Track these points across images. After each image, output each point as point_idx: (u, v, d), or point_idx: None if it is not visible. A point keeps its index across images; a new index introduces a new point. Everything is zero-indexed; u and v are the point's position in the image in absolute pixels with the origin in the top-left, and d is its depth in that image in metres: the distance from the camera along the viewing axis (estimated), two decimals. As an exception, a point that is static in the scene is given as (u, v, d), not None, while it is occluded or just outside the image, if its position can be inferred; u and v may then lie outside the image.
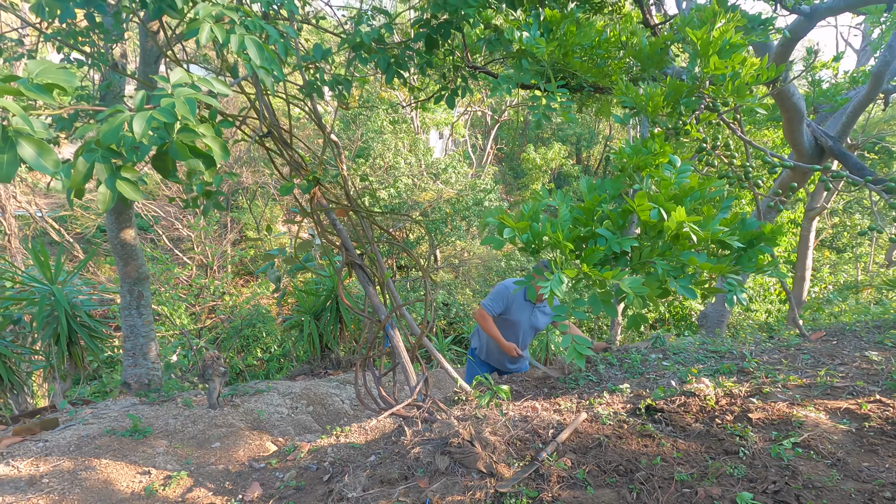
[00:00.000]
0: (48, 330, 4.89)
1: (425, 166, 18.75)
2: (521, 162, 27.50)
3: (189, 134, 1.44)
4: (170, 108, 1.34)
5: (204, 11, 1.62)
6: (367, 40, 2.33)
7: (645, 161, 1.69)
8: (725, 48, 1.71)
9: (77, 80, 1.28)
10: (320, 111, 2.74)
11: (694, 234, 1.43)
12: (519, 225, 1.55)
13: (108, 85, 3.74)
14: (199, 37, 1.61)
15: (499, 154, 30.50)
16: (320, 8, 13.88)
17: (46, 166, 1.24)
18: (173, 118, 1.33)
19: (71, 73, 1.27)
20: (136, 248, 4.53)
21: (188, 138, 1.45)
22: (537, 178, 25.42)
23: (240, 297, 13.13)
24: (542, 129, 29.19)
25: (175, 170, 1.50)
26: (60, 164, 1.27)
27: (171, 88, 1.43)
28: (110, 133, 1.33)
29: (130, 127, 1.32)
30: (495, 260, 19.47)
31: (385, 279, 3.27)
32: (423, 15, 2.67)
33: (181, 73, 1.48)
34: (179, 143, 1.41)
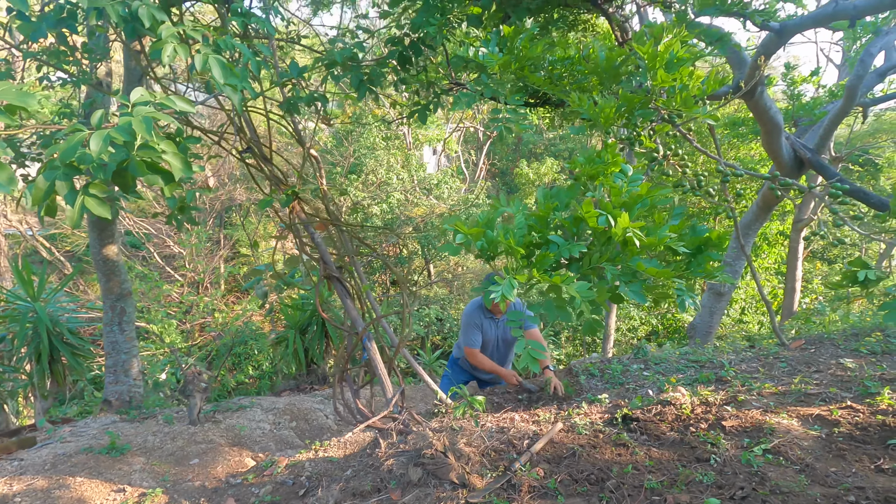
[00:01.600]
0: (30, 348, 4.87)
1: (418, 182, 18.87)
2: (513, 177, 27.72)
3: (149, 151, 1.48)
4: (127, 127, 1.38)
5: (167, 32, 1.67)
6: (340, 59, 2.40)
7: (598, 170, 1.74)
8: (672, 62, 1.77)
9: (37, 104, 1.32)
10: (311, 126, 2.80)
11: (638, 239, 1.47)
12: (473, 231, 1.59)
13: (92, 103, 3.80)
14: (161, 57, 1.66)
15: (492, 169, 30.74)
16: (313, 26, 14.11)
17: (1, 183, 1.27)
18: (130, 136, 1.37)
19: (30, 94, 1.32)
20: (118, 264, 4.54)
21: (148, 155, 1.49)
22: (530, 192, 25.57)
23: (231, 314, 13.07)
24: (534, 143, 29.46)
25: (135, 185, 1.53)
26: (15, 181, 1.31)
27: (131, 107, 1.47)
28: (68, 150, 1.36)
29: (88, 144, 1.36)
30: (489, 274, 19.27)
31: (363, 291, 3.29)
32: (395, 34, 2.74)
33: (141, 92, 1.52)
34: (138, 161, 1.45)
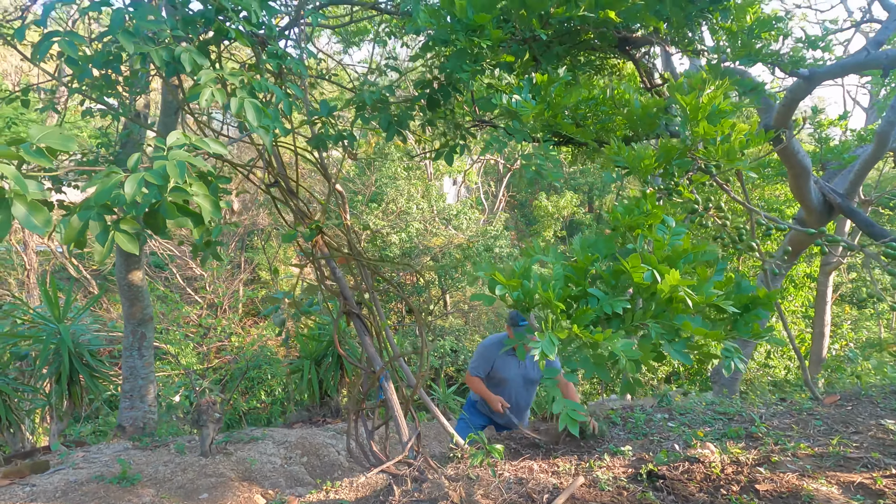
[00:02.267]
0: (51, 368, 4.91)
1: (437, 212, 19.01)
2: (532, 209, 27.74)
3: (180, 193, 1.48)
4: (161, 171, 1.39)
5: (206, 77, 1.70)
6: (370, 101, 2.43)
7: (638, 221, 1.69)
8: (714, 114, 1.74)
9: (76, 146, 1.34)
10: (337, 157, 2.84)
11: (689, 298, 1.40)
12: (510, 283, 1.55)
13: (129, 133, 3.92)
14: (199, 100, 1.68)
15: (511, 201, 30.84)
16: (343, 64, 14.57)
17: (37, 225, 1.28)
18: (164, 180, 1.37)
19: (70, 137, 1.34)
20: (142, 290, 4.59)
21: (179, 197, 1.49)
22: (549, 225, 25.53)
23: (247, 338, 13.11)
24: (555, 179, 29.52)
25: (165, 227, 1.53)
26: (51, 223, 1.31)
27: (167, 150, 1.48)
28: (104, 193, 1.37)
29: (123, 187, 1.37)
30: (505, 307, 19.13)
31: (382, 328, 3.24)
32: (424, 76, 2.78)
33: (177, 135, 1.54)
34: (169, 203, 1.45)
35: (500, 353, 3.86)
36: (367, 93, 2.44)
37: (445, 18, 2.04)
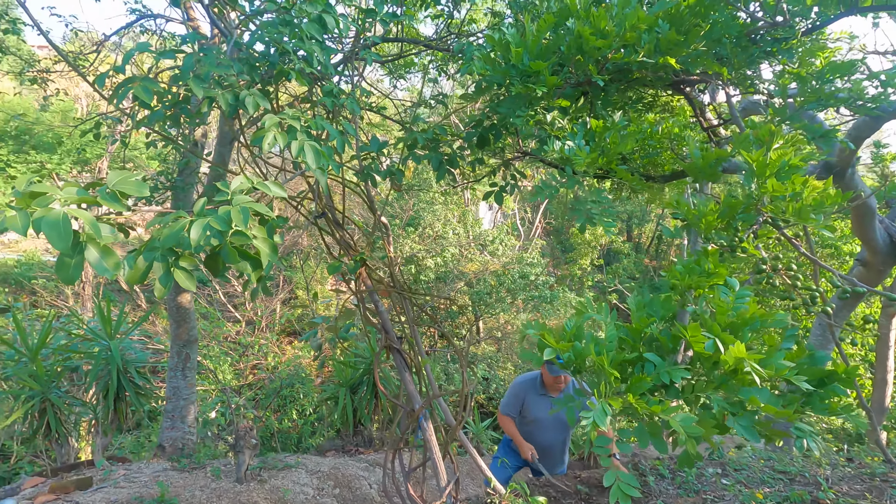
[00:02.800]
0: (100, 384, 5.09)
1: (473, 237, 19.01)
2: (569, 237, 27.36)
3: (241, 237, 1.51)
4: (226, 217, 1.41)
5: (269, 122, 1.75)
6: (422, 141, 2.45)
7: (698, 282, 1.60)
8: (784, 170, 1.64)
9: (147, 189, 1.38)
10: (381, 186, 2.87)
11: (756, 374, 1.30)
12: (561, 346, 1.48)
13: (187, 162, 4.10)
14: (262, 145, 1.73)
15: (547, 227, 30.56)
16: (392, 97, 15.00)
17: (107, 269, 1.32)
18: (227, 226, 1.40)
19: (143, 184, 1.38)
20: (189, 312, 4.72)
21: (240, 241, 1.51)
22: (586, 253, 25.08)
23: (283, 357, 13.31)
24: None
25: (225, 269, 1.56)
26: (119, 267, 1.35)
27: (231, 195, 1.52)
28: (170, 237, 1.40)
29: (189, 232, 1.40)
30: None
31: (423, 365, 3.20)
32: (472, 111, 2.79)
33: (241, 180, 1.57)
34: (231, 248, 1.47)
35: (532, 393, 3.75)
36: (418, 132, 2.47)
37: (500, 64, 2.05)
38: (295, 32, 2.06)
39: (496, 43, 1.99)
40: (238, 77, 1.95)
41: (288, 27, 1.98)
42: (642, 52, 2.03)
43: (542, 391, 3.73)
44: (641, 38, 2.00)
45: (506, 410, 3.68)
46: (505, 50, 1.97)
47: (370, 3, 2.96)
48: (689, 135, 3.58)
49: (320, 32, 1.99)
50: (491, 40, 1.99)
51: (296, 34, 2.03)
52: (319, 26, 1.99)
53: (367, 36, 2.91)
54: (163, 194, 4.47)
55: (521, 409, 3.71)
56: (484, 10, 4.92)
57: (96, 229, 1.28)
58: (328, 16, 2.00)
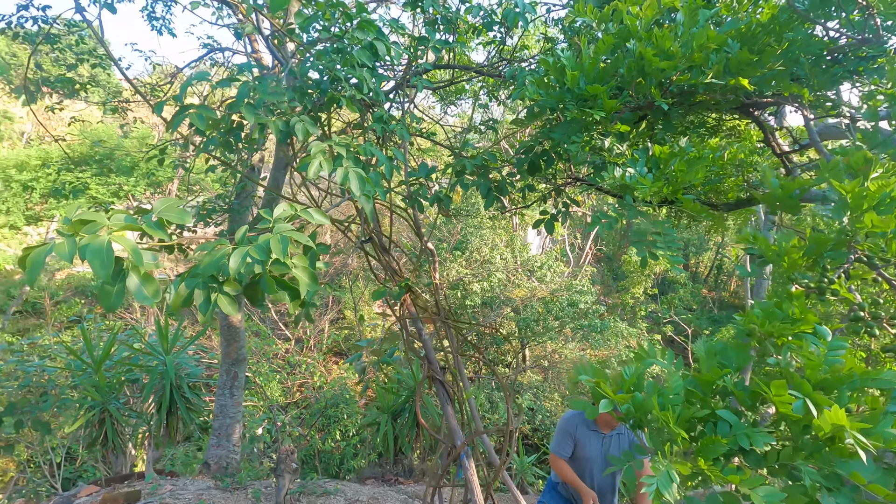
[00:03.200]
0: (155, 398, 5.27)
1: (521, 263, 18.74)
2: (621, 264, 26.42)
3: (281, 267, 1.47)
4: (265, 246, 1.38)
5: (316, 149, 1.73)
6: (470, 167, 2.38)
7: (781, 329, 1.40)
8: (885, 202, 1.43)
9: (190, 219, 1.37)
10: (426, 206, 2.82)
11: (859, 445, 1.09)
12: (619, 397, 1.32)
13: (244, 186, 4.25)
14: (308, 171, 1.71)
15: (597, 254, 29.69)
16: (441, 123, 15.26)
17: (147, 297, 1.30)
18: (266, 255, 1.36)
19: (185, 212, 1.38)
20: (239, 331, 4.83)
21: (280, 270, 1.47)
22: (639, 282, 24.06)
23: (329, 377, 13.46)
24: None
25: (264, 299, 1.53)
26: (159, 295, 1.33)
27: (272, 223, 1.48)
28: (210, 265, 1.38)
29: (229, 260, 1.37)
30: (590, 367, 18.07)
31: (466, 398, 3.06)
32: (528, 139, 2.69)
33: (284, 207, 1.54)
34: (269, 278, 1.43)
35: (582, 428, 3.47)
36: (467, 158, 2.40)
37: (554, 89, 1.95)
38: (346, 60, 2.07)
39: (550, 67, 1.90)
40: (290, 104, 1.97)
41: (340, 55, 1.98)
42: (710, 74, 1.87)
43: (593, 427, 3.46)
44: (709, 58, 1.85)
45: (559, 451, 3.40)
46: (560, 74, 1.88)
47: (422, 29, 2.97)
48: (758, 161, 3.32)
49: (371, 59, 1.99)
50: (545, 64, 1.91)
51: (347, 61, 2.03)
52: (371, 53, 1.98)
53: (419, 63, 2.90)
54: (221, 216, 4.63)
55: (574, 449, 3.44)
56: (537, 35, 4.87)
57: (138, 257, 1.27)
58: (379, 43, 1.99)
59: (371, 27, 2.02)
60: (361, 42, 1.98)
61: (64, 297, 17.48)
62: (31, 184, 16.96)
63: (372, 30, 2.02)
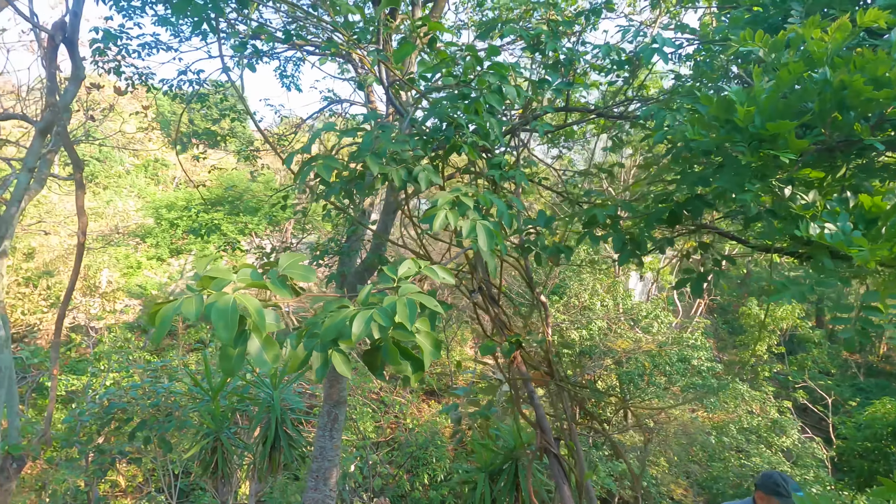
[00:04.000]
0: (261, 431, 5.44)
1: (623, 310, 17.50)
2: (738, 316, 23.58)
3: (404, 333, 1.30)
4: (390, 311, 1.23)
5: (442, 200, 1.59)
6: (602, 218, 2.11)
7: None
8: None
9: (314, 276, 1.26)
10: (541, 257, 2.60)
11: None
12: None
13: (354, 231, 4.35)
14: (433, 224, 1.57)
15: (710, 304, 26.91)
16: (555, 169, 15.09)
17: (266, 361, 1.19)
18: (391, 322, 1.20)
19: (311, 270, 1.28)
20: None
21: (403, 337, 1.31)
22: (761, 338, 21.19)
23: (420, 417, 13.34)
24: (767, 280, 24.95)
25: (383, 368, 1.37)
26: (279, 359, 1.22)
27: (396, 281, 1.34)
28: (332, 329, 1.25)
29: (351, 324, 1.23)
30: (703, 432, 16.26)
31: (585, 480, 2.66)
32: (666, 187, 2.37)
33: (409, 265, 1.39)
34: (392, 347, 1.27)
35: None
36: (597, 209, 2.14)
37: (716, 129, 1.65)
38: (468, 107, 1.95)
39: (712, 103, 1.61)
40: (415, 153, 1.88)
41: (463, 100, 1.87)
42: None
43: None
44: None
45: None
46: (725, 110, 1.58)
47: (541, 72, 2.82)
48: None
49: (500, 103, 1.85)
50: (707, 101, 1.62)
51: (469, 108, 1.91)
52: (500, 97, 1.85)
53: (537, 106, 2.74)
54: (332, 258, 4.77)
55: None
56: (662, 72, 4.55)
57: (261, 319, 1.18)
58: (508, 86, 1.85)
59: (503, 70, 1.89)
60: (490, 86, 1.86)
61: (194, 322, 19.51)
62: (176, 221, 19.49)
63: (504, 71, 1.90)
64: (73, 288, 3.24)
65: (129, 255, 19.17)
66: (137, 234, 19.62)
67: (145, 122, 14.82)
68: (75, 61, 2.97)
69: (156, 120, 22.54)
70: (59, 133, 3.11)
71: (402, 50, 2.35)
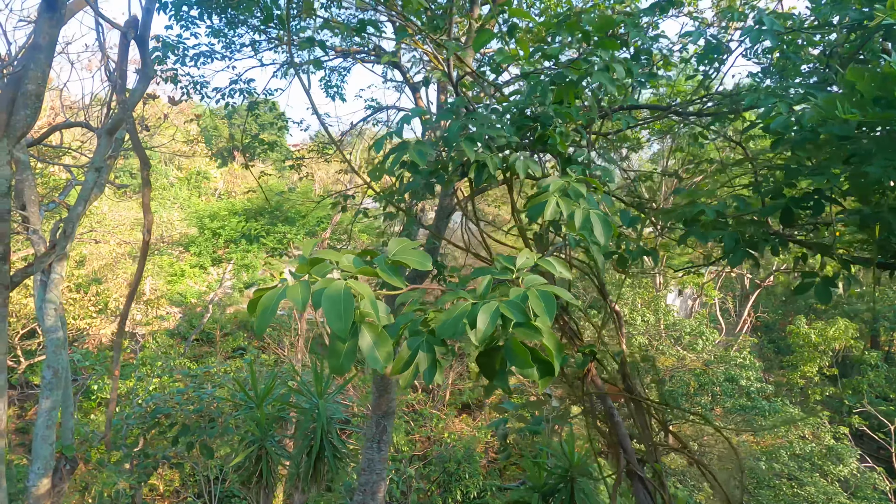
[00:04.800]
0: (306, 441, 5.32)
1: (665, 327, 16.82)
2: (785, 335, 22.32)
3: (529, 331, 1.12)
4: (519, 303, 1.05)
5: (554, 186, 1.42)
6: (712, 214, 1.89)
7: None
8: None
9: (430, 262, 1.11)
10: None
11: None
12: None
13: (409, 235, 4.22)
14: (545, 212, 1.39)
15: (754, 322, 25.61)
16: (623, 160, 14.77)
17: (379, 360, 1.03)
18: (525, 318, 1.03)
19: (426, 255, 1.12)
20: (392, 383, 4.69)
21: (527, 336, 1.13)
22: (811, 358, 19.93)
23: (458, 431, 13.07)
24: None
25: (503, 373, 1.19)
26: (391, 358, 1.06)
27: (516, 272, 1.16)
28: (448, 326, 1.09)
29: (471, 320, 1.06)
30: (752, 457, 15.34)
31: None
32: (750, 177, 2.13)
33: (527, 255, 1.22)
34: (521, 346, 1.09)
35: None
36: (706, 205, 1.92)
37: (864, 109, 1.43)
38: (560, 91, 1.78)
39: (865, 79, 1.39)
40: (510, 140, 1.72)
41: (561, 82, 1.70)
42: None
43: None
44: None
45: None
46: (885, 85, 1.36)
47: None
48: None
49: (612, 82, 1.67)
50: (856, 76, 1.40)
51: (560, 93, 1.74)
52: (609, 76, 1.67)
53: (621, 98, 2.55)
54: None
55: None
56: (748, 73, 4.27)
57: (375, 308, 1.03)
58: (618, 65, 1.67)
59: (613, 46, 1.72)
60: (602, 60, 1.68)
61: (231, 330, 19.84)
62: (218, 231, 20.00)
63: (615, 48, 1.73)
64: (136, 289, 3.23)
65: (174, 264, 19.75)
66: (181, 243, 20.22)
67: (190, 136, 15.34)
68: (145, 59, 2.98)
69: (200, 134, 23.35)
70: (129, 130, 3.12)
71: (481, 38, 2.21)
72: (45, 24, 2.73)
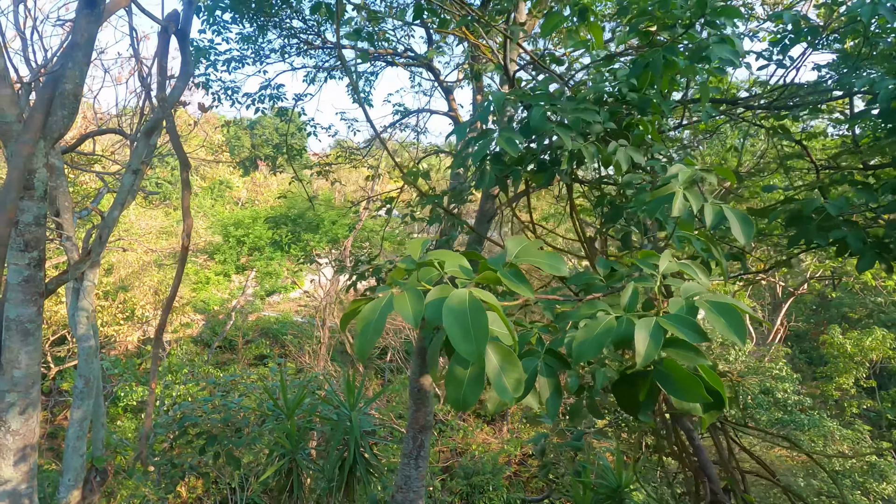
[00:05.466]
0: (338, 454, 5.12)
1: (696, 336, 16.28)
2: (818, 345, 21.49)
3: (687, 352, 0.89)
4: (688, 319, 0.82)
5: (683, 176, 1.19)
6: (834, 211, 1.64)
7: None
8: None
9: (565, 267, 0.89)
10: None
11: None
12: None
13: (448, 240, 4.02)
14: (672, 206, 1.16)
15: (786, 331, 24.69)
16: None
17: (507, 387, 0.81)
18: (700, 338, 0.80)
19: (560, 259, 0.90)
20: (429, 396, 4.48)
21: (686, 359, 0.89)
22: (847, 369, 19.06)
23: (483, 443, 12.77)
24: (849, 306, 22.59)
25: (650, 406, 0.96)
26: (521, 387, 0.83)
27: (658, 275, 0.93)
28: (588, 346, 0.86)
29: (620, 338, 0.83)
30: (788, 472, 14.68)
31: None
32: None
33: (669, 258, 0.99)
34: (678, 367, 0.86)
35: None
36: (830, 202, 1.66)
37: None
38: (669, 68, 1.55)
39: None
40: (605, 126, 1.50)
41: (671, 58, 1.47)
42: None
43: None
44: None
45: None
46: None
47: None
48: None
49: (736, 55, 1.44)
50: None
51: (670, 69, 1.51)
52: (728, 49, 1.44)
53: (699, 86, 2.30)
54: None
55: None
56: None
57: (507, 323, 0.81)
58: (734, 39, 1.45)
59: (736, 14, 1.49)
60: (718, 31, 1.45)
61: (253, 338, 19.89)
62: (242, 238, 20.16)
63: (739, 16, 1.50)
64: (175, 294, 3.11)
65: (199, 272, 19.93)
66: (206, 250, 20.43)
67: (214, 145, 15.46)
68: (185, 56, 2.86)
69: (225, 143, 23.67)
70: (168, 129, 3.01)
71: (550, 21, 2.01)
72: (84, 21, 2.61)
